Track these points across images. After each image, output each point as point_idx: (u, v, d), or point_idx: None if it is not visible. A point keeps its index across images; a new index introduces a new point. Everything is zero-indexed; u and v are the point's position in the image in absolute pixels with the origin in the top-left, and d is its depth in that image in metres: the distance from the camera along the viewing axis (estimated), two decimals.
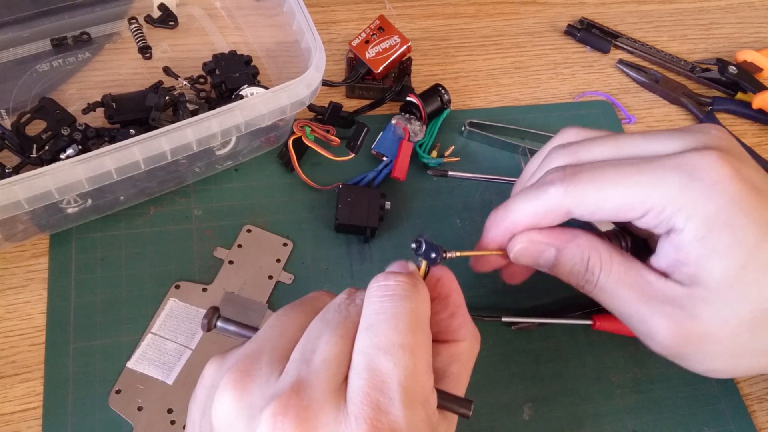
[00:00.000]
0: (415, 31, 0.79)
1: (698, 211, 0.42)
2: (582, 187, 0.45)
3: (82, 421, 0.50)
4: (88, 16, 0.67)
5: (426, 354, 0.36)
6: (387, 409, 0.33)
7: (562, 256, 0.49)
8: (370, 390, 0.33)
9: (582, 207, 0.46)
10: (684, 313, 0.44)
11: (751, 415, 0.58)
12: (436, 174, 0.64)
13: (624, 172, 0.45)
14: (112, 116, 0.60)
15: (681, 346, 0.45)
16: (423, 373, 0.35)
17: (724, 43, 0.86)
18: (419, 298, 0.38)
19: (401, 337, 0.35)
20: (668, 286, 0.45)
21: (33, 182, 0.47)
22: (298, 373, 0.34)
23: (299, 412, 0.32)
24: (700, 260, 0.43)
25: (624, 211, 0.45)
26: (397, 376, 0.33)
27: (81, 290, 0.55)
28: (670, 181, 0.43)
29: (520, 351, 0.58)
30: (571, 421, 0.56)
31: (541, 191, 0.47)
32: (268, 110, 0.54)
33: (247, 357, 0.37)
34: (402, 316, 0.36)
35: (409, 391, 0.33)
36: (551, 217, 0.47)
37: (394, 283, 0.38)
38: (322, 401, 0.33)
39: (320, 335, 0.36)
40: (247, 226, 0.60)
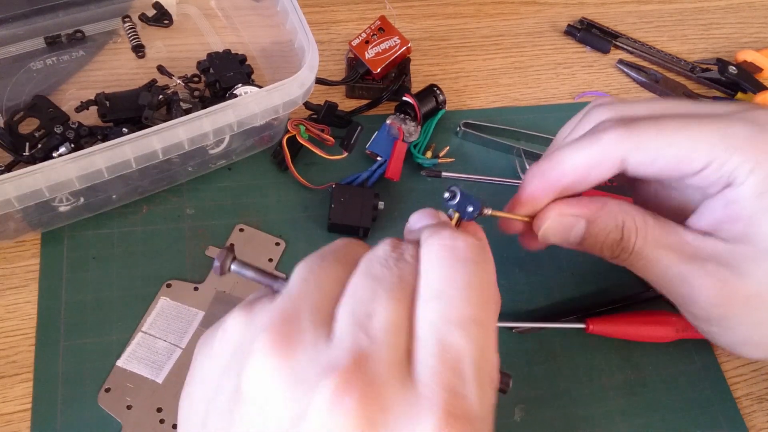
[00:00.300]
0: (415, 31, 0.79)
1: (763, 165, 0.40)
2: (641, 133, 0.42)
3: (71, 419, 0.50)
4: (82, 14, 0.67)
5: (495, 330, 0.32)
6: (462, 393, 0.29)
7: (593, 226, 0.46)
8: (443, 369, 0.29)
9: (641, 153, 0.43)
10: (729, 271, 0.42)
11: (750, 415, 0.58)
12: (430, 175, 0.64)
13: (687, 121, 0.42)
14: (105, 115, 0.60)
15: (726, 306, 0.43)
16: (493, 351, 0.31)
17: (724, 43, 0.85)
18: (490, 264, 0.34)
19: (474, 310, 0.31)
20: (711, 244, 0.43)
21: (23, 180, 0.47)
22: (355, 340, 0.30)
23: (364, 389, 0.28)
24: (754, 216, 0.41)
25: (685, 163, 0.42)
26: (472, 354, 0.30)
27: (72, 288, 0.55)
28: (737, 132, 0.41)
29: (512, 352, 0.58)
30: (563, 423, 0.55)
31: (594, 137, 0.44)
32: (260, 109, 0.54)
33: (285, 316, 0.31)
34: (475, 286, 0.32)
35: (482, 372, 0.30)
36: (603, 167, 0.44)
37: (464, 245, 0.33)
38: (388, 377, 0.29)
39: (373, 297, 0.31)
40: (239, 225, 0.60)
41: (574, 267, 0.63)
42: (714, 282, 0.42)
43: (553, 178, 0.45)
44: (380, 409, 0.28)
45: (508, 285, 0.61)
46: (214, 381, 0.33)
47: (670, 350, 0.59)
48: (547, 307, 0.61)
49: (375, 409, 0.27)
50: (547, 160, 0.46)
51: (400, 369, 0.29)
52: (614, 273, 0.62)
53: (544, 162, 0.46)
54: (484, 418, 0.29)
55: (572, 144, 0.45)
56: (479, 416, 0.28)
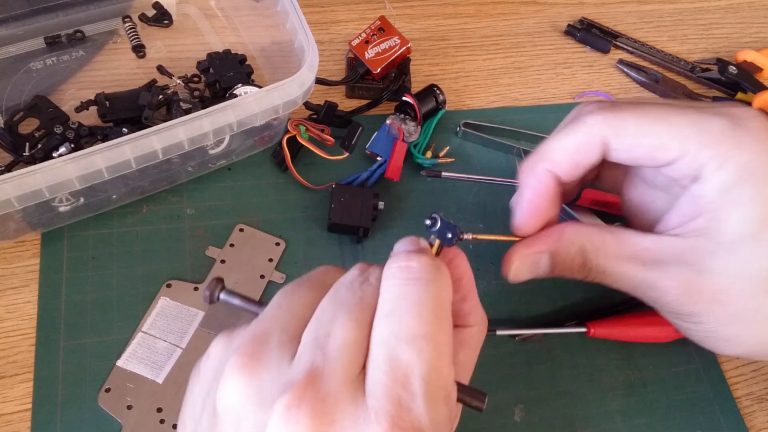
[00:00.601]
0: (415, 31, 0.79)
1: (733, 160, 0.41)
2: (622, 117, 0.43)
3: (71, 419, 0.50)
4: (82, 14, 0.67)
5: (449, 345, 0.34)
6: (409, 406, 0.30)
7: (556, 257, 0.47)
8: (391, 384, 0.31)
9: (620, 139, 0.44)
10: (691, 270, 0.43)
11: (750, 415, 0.58)
12: (430, 175, 0.63)
13: (666, 110, 0.43)
14: (105, 115, 0.60)
15: (692, 304, 0.44)
16: (446, 366, 0.33)
17: (724, 43, 0.85)
18: (443, 283, 0.35)
19: (425, 327, 0.32)
20: (670, 244, 0.44)
21: (23, 180, 0.47)
22: (312, 360, 0.32)
23: (315, 404, 0.30)
24: (717, 210, 0.42)
25: (660, 152, 0.43)
26: (420, 369, 0.31)
27: (72, 288, 0.55)
28: (711, 126, 0.41)
29: (512, 352, 0.58)
30: (563, 423, 0.55)
31: (578, 123, 0.45)
32: (260, 109, 0.54)
33: (256, 338, 0.34)
34: (426, 304, 0.33)
35: (432, 386, 0.31)
36: (588, 151, 0.45)
37: (417, 265, 0.35)
38: (340, 393, 0.31)
39: (334, 318, 0.34)
40: (239, 225, 0.60)
41: None
42: (678, 283, 0.43)
43: (545, 168, 0.46)
44: (329, 422, 0.30)
45: (509, 290, 0.61)
46: (199, 403, 0.35)
47: (670, 350, 0.59)
48: (547, 313, 0.60)
49: (324, 422, 0.30)
50: (536, 152, 0.47)
51: (353, 384, 0.31)
52: None
53: (534, 155, 0.47)
54: (435, 430, 0.31)
55: (556, 132, 0.46)
56: (428, 428, 0.30)
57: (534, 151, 0.48)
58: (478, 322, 0.40)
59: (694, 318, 0.45)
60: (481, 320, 0.41)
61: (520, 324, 0.59)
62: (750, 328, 0.44)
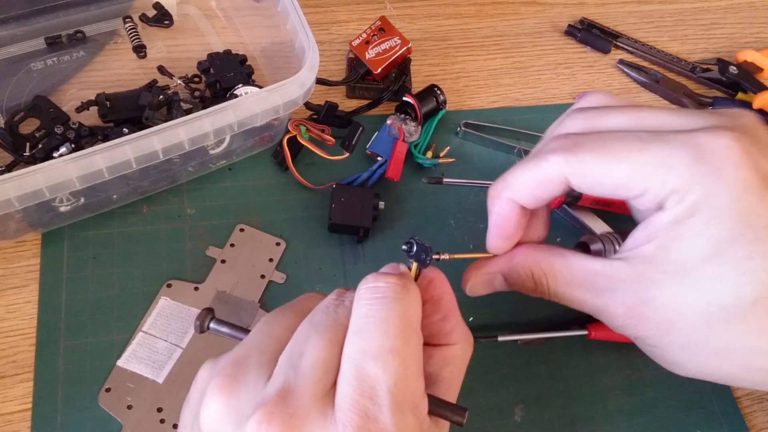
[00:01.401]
0: (416, 32, 0.79)
1: (690, 195, 0.40)
2: (583, 158, 0.43)
3: (72, 419, 0.50)
4: (82, 14, 0.67)
5: (417, 358, 0.35)
6: (375, 417, 0.32)
7: (509, 279, 0.49)
8: (358, 397, 0.32)
9: (581, 179, 0.44)
10: (636, 297, 0.43)
11: (751, 415, 0.58)
12: (431, 182, 0.63)
13: (628, 147, 0.43)
14: (105, 115, 0.60)
15: (640, 330, 0.44)
16: (413, 379, 0.34)
17: (724, 43, 0.85)
18: (410, 299, 0.37)
19: (391, 342, 0.34)
20: (615, 269, 0.44)
21: (24, 180, 0.47)
22: (284, 378, 0.34)
23: (285, 420, 0.32)
24: (664, 241, 0.42)
25: (623, 189, 0.43)
26: (386, 382, 0.33)
27: (73, 288, 0.55)
28: (673, 161, 0.41)
29: (512, 352, 0.58)
30: (563, 423, 0.55)
31: (541, 159, 0.45)
32: (260, 110, 0.54)
33: (235, 361, 0.36)
34: (392, 320, 0.35)
35: (398, 398, 0.32)
36: (550, 187, 0.45)
37: (384, 285, 0.37)
38: (309, 408, 0.32)
39: (307, 339, 0.35)
40: (240, 225, 0.60)
41: None
42: (624, 310, 0.44)
43: (509, 197, 0.47)
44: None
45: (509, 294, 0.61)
46: (188, 427, 0.37)
47: None
48: (548, 316, 0.60)
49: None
50: (502, 179, 0.48)
51: (323, 399, 0.33)
52: None
53: (500, 182, 0.48)
54: None
55: (523, 163, 0.47)
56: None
57: (501, 177, 0.48)
58: (461, 339, 0.41)
59: (642, 341, 0.47)
60: (465, 338, 0.42)
61: (522, 328, 0.59)
62: (694, 357, 0.45)
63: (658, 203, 0.42)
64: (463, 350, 0.41)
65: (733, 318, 0.41)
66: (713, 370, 0.46)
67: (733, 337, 0.42)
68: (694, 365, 0.46)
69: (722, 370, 0.45)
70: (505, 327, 0.59)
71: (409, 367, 0.34)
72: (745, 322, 0.41)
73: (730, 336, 0.42)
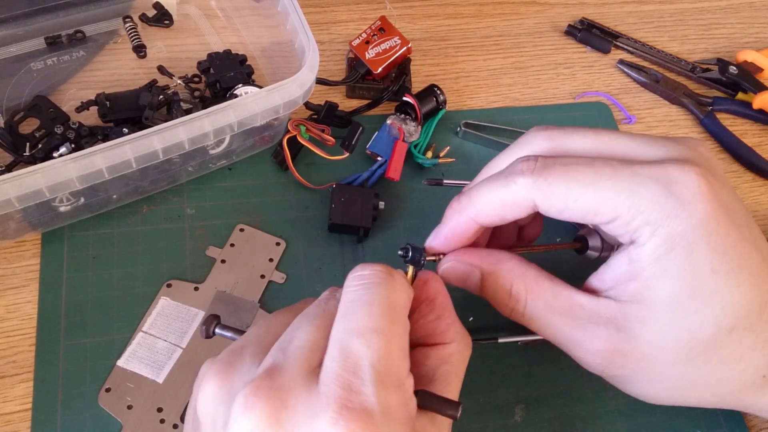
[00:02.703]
0: (416, 32, 0.79)
1: (665, 229, 0.41)
2: (551, 182, 0.43)
3: (72, 419, 0.50)
4: (82, 14, 0.67)
5: (400, 339, 0.36)
6: (358, 390, 0.32)
7: (486, 280, 0.47)
8: (342, 371, 0.33)
9: (549, 204, 0.43)
10: (620, 335, 0.43)
11: (750, 415, 0.57)
12: (431, 184, 0.62)
13: (598, 173, 0.42)
14: (105, 115, 0.60)
15: (617, 368, 0.44)
16: (397, 357, 0.35)
17: (724, 43, 0.85)
18: (394, 285, 0.38)
19: (375, 321, 0.35)
20: (602, 306, 0.44)
21: (24, 180, 0.47)
22: (273, 359, 0.35)
23: (270, 393, 0.33)
24: (649, 279, 0.42)
25: (592, 215, 0.43)
26: (370, 358, 0.34)
27: (72, 288, 0.55)
28: (644, 192, 0.41)
29: (512, 353, 0.58)
30: (563, 423, 0.55)
31: (508, 180, 0.44)
32: (260, 110, 0.54)
33: (232, 351, 0.38)
34: (375, 302, 0.36)
35: (381, 373, 0.33)
36: (517, 209, 0.45)
37: (370, 272, 0.38)
38: (294, 382, 0.34)
39: (298, 327, 0.37)
40: (240, 225, 0.60)
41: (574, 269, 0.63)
42: (605, 346, 0.44)
43: (470, 216, 0.46)
44: (284, 407, 0.33)
45: None
46: (190, 421, 0.39)
47: None
48: None
49: (279, 407, 0.32)
50: (466, 196, 0.46)
51: (309, 376, 0.34)
52: None
53: (464, 198, 0.47)
54: (387, 414, 0.33)
55: (489, 182, 0.45)
56: (378, 411, 0.32)
57: (465, 190, 0.47)
58: (457, 338, 0.42)
59: (617, 380, 0.47)
60: (460, 337, 0.42)
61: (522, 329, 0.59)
62: (669, 391, 0.46)
63: (629, 232, 0.42)
64: (459, 349, 0.42)
65: (711, 349, 0.43)
66: (686, 398, 0.47)
67: (708, 368, 0.43)
68: (666, 396, 0.47)
69: (694, 398, 0.47)
70: (506, 328, 0.59)
71: (392, 345, 0.35)
72: (721, 351, 0.43)
73: (706, 367, 0.43)
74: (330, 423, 0.31)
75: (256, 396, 0.33)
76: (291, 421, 0.33)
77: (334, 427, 0.31)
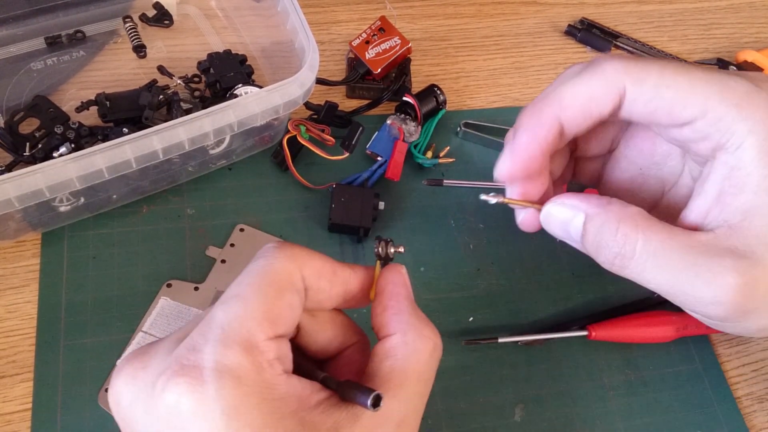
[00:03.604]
0: (416, 32, 0.79)
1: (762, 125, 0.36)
2: (644, 67, 0.40)
3: (72, 419, 0.50)
4: (82, 14, 0.67)
5: (264, 305, 0.34)
6: (199, 348, 0.32)
7: (590, 223, 0.42)
8: (195, 335, 0.33)
9: (639, 89, 0.40)
10: (745, 261, 0.37)
11: (751, 415, 0.58)
12: (431, 184, 0.62)
13: (690, 67, 0.39)
14: (105, 115, 0.60)
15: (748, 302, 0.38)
16: (252, 319, 0.33)
17: (724, 43, 0.85)
18: (275, 255, 0.36)
19: (239, 289, 0.35)
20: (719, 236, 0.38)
21: (24, 180, 0.47)
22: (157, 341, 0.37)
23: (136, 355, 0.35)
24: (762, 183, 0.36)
25: (679, 107, 0.39)
26: (220, 320, 0.33)
27: (72, 288, 0.55)
28: (735, 87, 0.38)
29: (512, 353, 0.58)
30: (563, 423, 0.55)
31: (595, 67, 0.41)
32: (261, 110, 0.54)
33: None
34: (248, 272, 0.36)
35: (226, 333, 0.33)
36: (603, 100, 0.41)
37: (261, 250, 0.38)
38: (159, 348, 0.35)
39: None
40: (240, 225, 0.60)
41: (574, 267, 0.63)
42: (734, 281, 0.37)
43: (551, 113, 0.43)
44: (143, 366, 0.34)
45: (510, 291, 0.61)
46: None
47: (670, 350, 0.59)
48: (548, 316, 0.61)
49: (138, 367, 0.34)
50: (543, 95, 0.43)
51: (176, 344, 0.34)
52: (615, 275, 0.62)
53: (541, 98, 0.43)
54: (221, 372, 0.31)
55: (569, 76, 0.43)
56: (210, 368, 0.31)
57: (540, 96, 0.44)
58: (400, 329, 0.38)
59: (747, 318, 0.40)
60: (406, 327, 0.38)
61: (522, 329, 0.59)
62: None
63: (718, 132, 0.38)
64: (405, 341, 0.37)
65: None
66: None
67: None
68: None
69: None
70: (506, 328, 0.59)
71: (250, 309, 0.34)
72: None
73: None
74: (165, 378, 0.32)
75: (122, 361, 0.35)
76: (144, 379, 0.33)
77: (166, 383, 0.31)
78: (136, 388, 0.34)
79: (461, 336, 0.58)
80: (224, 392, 0.31)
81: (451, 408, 0.55)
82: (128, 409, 0.34)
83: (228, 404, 0.31)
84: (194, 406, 0.31)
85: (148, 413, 0.33)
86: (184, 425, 0.31)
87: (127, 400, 0.34)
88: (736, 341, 0.62)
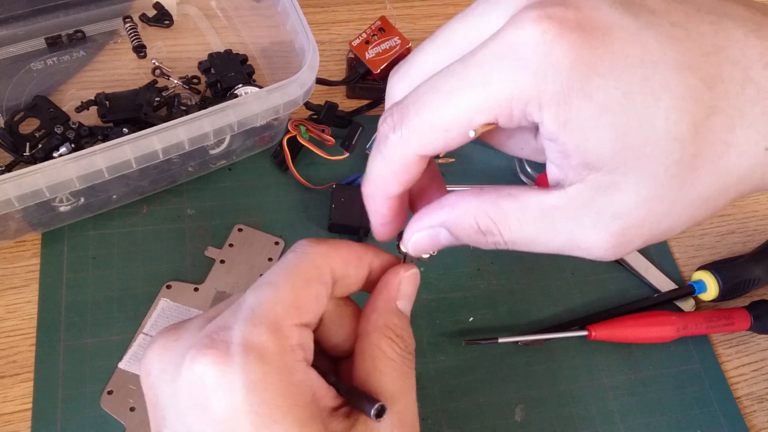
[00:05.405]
0: (416, 32, 0.79)
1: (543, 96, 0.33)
2: (413, 126, 0.36)
3: (72, 419, 0.50)
4: (82, 14, 0.67)
5: (293, 293, 0.36)
6: (228, 325, 0.34)
7: (454, 231, 0.40)
8: (226, 314, 0.35)
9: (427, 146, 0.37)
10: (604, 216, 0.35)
11: (751, 415, 0.58)
12: None
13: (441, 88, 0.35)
14: (105, 115, 0.60)
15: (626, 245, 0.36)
16: (280, 304, 0.35)
17: None
18: (305, 251, 0.38)
19: (271, 278, 0.36)
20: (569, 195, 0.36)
21: (24, 180, 0.47)
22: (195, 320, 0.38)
23: (169, 330, 0.36)
24: (578, 144, 0.34)
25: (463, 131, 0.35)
26: (250, 302, 0.35)
27: (72, 288, 0.55)
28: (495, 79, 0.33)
29: (512, 353, 0.58)
30: (563, 423, 0.55)
31: (383, 147, 0.39)
32: (261, 110, 0.54)
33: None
34: (281, 264, 0.37)
35: (255, 313, 0.35)
36: (410, 171, 0.39)
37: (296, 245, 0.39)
38: (190, 325, 0.36)
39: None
40: (238, 225, 0.60)
41: (574, 267, 0.63)
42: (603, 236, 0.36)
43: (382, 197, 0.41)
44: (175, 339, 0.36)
45: (509, 291, 0.61)
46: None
47: (670, 350, 0.59)
48: (548, 316, 0.61)
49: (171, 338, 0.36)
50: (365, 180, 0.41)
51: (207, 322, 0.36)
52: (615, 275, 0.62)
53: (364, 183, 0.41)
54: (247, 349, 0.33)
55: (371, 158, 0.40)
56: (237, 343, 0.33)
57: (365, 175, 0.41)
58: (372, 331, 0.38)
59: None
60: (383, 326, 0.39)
61: (522, 329, 0.59)
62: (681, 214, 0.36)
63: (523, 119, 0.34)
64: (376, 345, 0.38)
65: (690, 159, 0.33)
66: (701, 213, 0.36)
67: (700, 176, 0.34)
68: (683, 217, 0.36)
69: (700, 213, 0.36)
70: (506, 328, 0.59)
71: (279, 295, 0.36)
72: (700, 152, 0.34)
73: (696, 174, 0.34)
74: (195, 350, 0.33)
75: (157, 334, 0.37)
76: (174, 350, 0.35)
77: (195, 354, 0.33)
78: (167, 357, 0.35)
79: (461, 336, 0.58)
80: (248, 367, 0.33)
81: (451, 408, 0.55)
82: (157, 379, 0.36)
83: (250, 379, 0.33)
84: (218, 378, 0.33)
85: (174, 382, 0.34)
86: (206, 395, 0.33)
87: (157, 370, 0.36)
88: (736, 341, 0.62)
